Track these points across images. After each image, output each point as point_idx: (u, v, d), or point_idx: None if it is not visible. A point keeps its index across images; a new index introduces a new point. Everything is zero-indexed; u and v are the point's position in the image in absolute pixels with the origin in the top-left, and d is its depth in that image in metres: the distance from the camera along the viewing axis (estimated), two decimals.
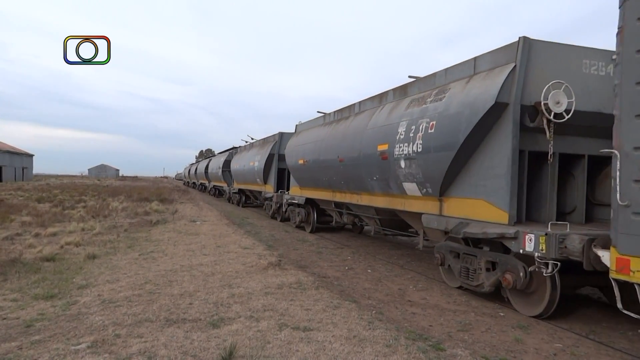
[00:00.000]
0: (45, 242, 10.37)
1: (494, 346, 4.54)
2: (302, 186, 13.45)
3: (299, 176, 13.54)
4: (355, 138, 9.07)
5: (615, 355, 4.44)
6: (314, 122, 13.03)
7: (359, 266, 8.68)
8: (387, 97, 8.75)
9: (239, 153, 24.78)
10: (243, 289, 6.31)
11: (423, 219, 7.12)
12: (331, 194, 11.21)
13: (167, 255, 8.95)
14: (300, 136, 13.70)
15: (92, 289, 6.28)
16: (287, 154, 14.37)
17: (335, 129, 10.67)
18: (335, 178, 10.37)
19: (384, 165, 7.84)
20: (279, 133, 17.36)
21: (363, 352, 4.14)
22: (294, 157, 13.41)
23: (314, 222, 13.54)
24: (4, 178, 56.91)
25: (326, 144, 10.79)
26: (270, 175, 17.67)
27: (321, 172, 11.24)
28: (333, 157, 10.17)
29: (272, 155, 17.35)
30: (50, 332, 4.53)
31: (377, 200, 8.81)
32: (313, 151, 11.66)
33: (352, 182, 9.63)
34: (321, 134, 11.46)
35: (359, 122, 9.26)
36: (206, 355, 3.99)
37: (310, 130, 12.88)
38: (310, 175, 12.30)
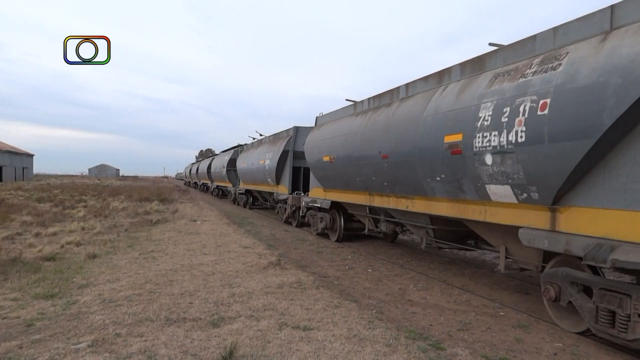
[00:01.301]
0: (45, 242, 10.37)
1: (494, 345, 4.54)
2: (327, 187, 11.58)
3: (323, 176, 11.55)
4: (406, 129, 7.30)
5: (616, 355, 4.44)
6: (341, 112, 11.08)
7: (359, 266, 8.68)
8: (451, 75, 6.92)
9: (246, 151, 22.79)
10: (243, 289, 6.31)
11: (522, 236, 5.24)
12: (367, 197, 9.36)
13: (168, 255, 8.96)
14: (323, 129, 11.63)
15: (92, 289, 6.28)
16: (307, 150, 12.37)
17: (372, 118, 8.80)
18: (376, 178, 8.50)
19: (455, 161, 6.04)
20: (294, 127, 15.58)
21: (363, 351, 4.14)
22: (316, 153, 11.50)
23: (340, 229, 11.58)
24: (4, 178, 56.94)
25: (361, 137, 8.93)
26: (283, 175, 15.87)
27: (354, 171, 9.35)
28: (373, 153, 8.35)
29: (286, 153, 15.51)
30: (51, 332, 4.53)
31: (439, 206, 6.94)
32: (343, 146, 9.82)
33: (400, 184, 7.78)
34: (353, 125, 9.57)
35: (410, 109, 7.45)
36: (206, 354, 3.99)
37: (338, 121, 10.89)
38: (338, 174, 10.37)
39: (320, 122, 12.44)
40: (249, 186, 21.68)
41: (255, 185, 20.32)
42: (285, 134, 16.37)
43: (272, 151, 16.62)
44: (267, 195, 19.54)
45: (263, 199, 21.64)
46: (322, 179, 11.68)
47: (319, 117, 12.62)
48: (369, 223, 10.38)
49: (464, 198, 6.27)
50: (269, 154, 16.89)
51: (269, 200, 19.85)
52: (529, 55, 5.41)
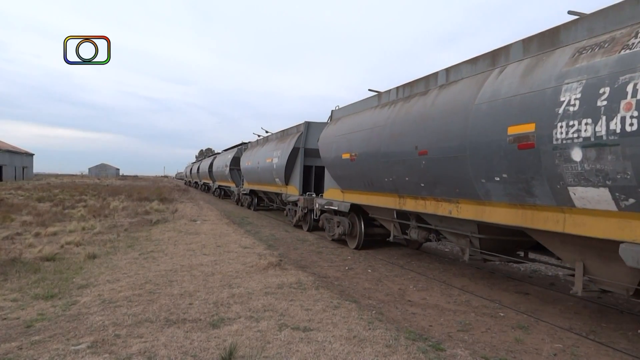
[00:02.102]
0: (45, 242, 10.37)
1: (494, 346, 4.54)
2: (345, 188, 10.40)
3: (341, 175, 10.32)
4: (450, 120, 6.23)
5: (616, 356, 4.44)
6: (362, 104, 9.90)
7: (359, 266, 8.68)
8: (510, 54, 5.76)
9: (251, 149, 21.41)
10: (243, 289, 6.31)
11: (626, 253, 4.15)
12: (396, 200, 8.15)
13: (167, 255, 8.96)
14: (341, 124, 10.48)
15: (92, 289, 6.28)
16: (323, 147, 11.24)
17: (404, 110, 7.64)
18: (409, 178, 7.36)
19: (524, 158, 4.98)
20: (305, 122, 14.39)
21: (363, 352, 4.14)
22: (334, 150, 10.34)
23: (360, 235, 10.34)
24: (4, 177, 56.94)
25: (390, 131, 7.80)
26: (293, 175, 14.65)
27: (381, 170, 8.16)
28: (406, 149, 7.24)
29: (297, 150, 14.32)
30: (50, 332, 4.53)
31: (494, 213, 5.81)
32: (366, 142, 8.69)
33: (442, 185, 6.65)
34: (379, 118, 8.43)
35: (454, 97, 6.37)
36: (206, 355, 3.99)
37: (359, 115, 9.72)
38: (360, 174, 9.16)
39: (336, 116, 11.23)
40: (254, 186, 20.43)
41: (260, 186, 19.02)
42: (295, 130, 15.13)
43: (280, 149, 15.41)
44: (273, 196, 18.36)
45: (269, 200, 20.45)
46: (340, 179, 10.46)
47: (335, 110, 11.46)
48: (395, 229, 9.07)
49: (532, 203, 5.12)
50: (277, 151, 15.67)
51: (275, 201, 18.75)
52: (631, 22, 4.36)
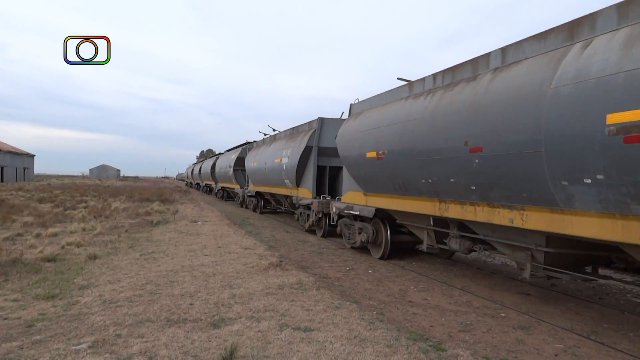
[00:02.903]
0: (46, 243, 10.38)
1: (495, 346, 4.53)
2: (369, 191, 9.28)
3: (364, 176, 9.23)
4: (515, 108, 5.16)
5: (617, 356, 4.43)
6: (389, 95, 8.69)
7: (359, 267, 8.67)
8: (596, 24, 4.70)
9: (257, 148, 20.08)
10: (244, 290, 6.31)
11: None
12: (435, 205, 7.01)
13: (168, 256, 8.96)
14: (363, 118, 9.32)
15: (93, 289, 6.28)
16: (341, 144, 10.14)
17: (447, 99, 6.52)
18: (456, 180, 6.26)
19: (634, 154, 3.97)
20: (319, 119, 13.12)
21: (364, 352, 4.14)
22: (355, 148, 9.26)
23: (386, 244, 9.19)
24: (5, 178, 57.02)
25: (430, 125, 6.71)
26: (306, 176, 13.44)
27: (417, 170, 7.08)
28: (452, 145, 6.15)
29: (309, 149, 13.06)
30: (51, 332, 4.53)
31: (579, 224, 4.71)
32: (397, 137, 7.57)
33: (501, 188, 5.56)
34: (413, 110, 7.30)
35: (520, 80, 5.25)
36: (207, 355, 3.99)
37: (386, 107, 8.53)
38: (389, 174, 8.05)
39: (356, 110, 10.11)
40: (260, 188, 19.17)
41: (268, 187, 17.74)
42: (307, 127, 13.94)
43: (290, 147, 14.20)
44: (282, 198, 17.16)
45: (276, 203, 19.17)
46: (363, 181, 9.36)
47: (354, 103, 10.36)
48: (429, 238, 7.97)
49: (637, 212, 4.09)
50: (287, 150, 14.46)
51: (283, 204, 17.56)
52: None
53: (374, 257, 9.59)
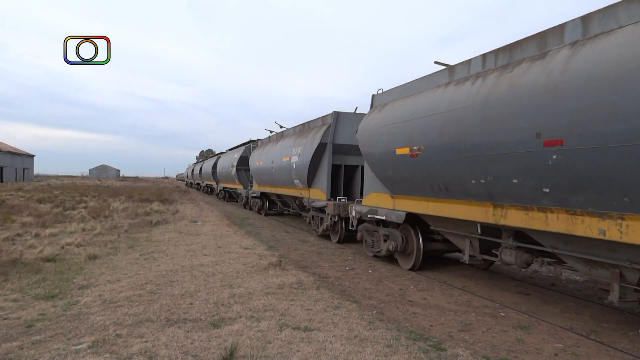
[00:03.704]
0: (46, 243, 10.37)
1: (495, 346, 4.54)
2: (398, 193, 8.15)
3: (393, 176, 8.08)
4: (617, 89, 4.19)
5: (617, 356, 4.44)
6: (424, 83, 7.52)
7: (359, 266, 8.67)
8: None
9: (262, 147, 19.03)
10: (244, 289, 6.31)
11: None
12: (488, 210, 5.95)
13: (168, 256, 8.96)
14: (390, 110, 8.20)
15: (92, 289, 6.28)
16: (364, 140, 8.98)
17: (505, 82, 5.46)
18: (521, 180, 5.20)
19: None
20: (334, 113, 11.85)
21: (364, 352, 4.14)
22: (381, 144, 8.15)
23: (418, 253, 8.05)
24: (5, 179, 56.98)
25: (483, 114, 5.65)
26: (319, 175, 12.29)
27: (465, 169, 6.03)
28: (517, 138, 5.11)
29: (323, 146, 11.83)
30: (51, 332, 4.53)
31: None
32: (437, 130, 6.53)
33: (589, 191, 4.56)
34: (458, 97, 6.25)
35: (618, 53, 4.27)
36: (207, 355, 3.99)
37: (419, 96, 7.41)
38: (426, 174, 6.99)
39: (381, 102, 8.94)
40: (266, 189, 18.07)
41: (274, 188, 16.61)
42: (320, 123, 12.74)
43: (301, 145, 13.11)
44: (289, 200, 16.08)
45: (283, 204, 18.03)
46: (391, 181, 8.22)
47: (377, 94, 9.22)
48: (472, 247, 6.95)
49: None
50: (297, 148, 13.37)
51: (291, 205, 16.42)
52: None
53: (402, 268, 8.45)
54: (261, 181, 18.52)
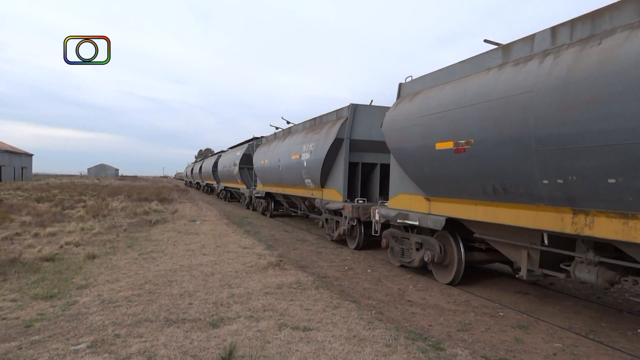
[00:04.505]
0: (44, 242, 10.36)
1: (494, 346, 4.54)
2: (436, 195, 7.11)
3: (430, 175, 6.99)
4: None
5: (615, 355, 4.45)
6: (467, 66, 6.50)
7: (358, 266, 8.68)
8: None
9: (267, 144, 17.96)
10: (243, 289, 6.31)
11: None
12: (566, 217, 4.89)
13: (167, 255, 8.95)
14: (424, 99, 7.12)
15: (91, 289, 6.28)
16: (392, 134, 7.92)
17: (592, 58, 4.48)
18: (621, 180, 4.24)
19: None
20: (351, 105, 10.71)
21: (363, 351, 4.14)
22: (414, 139, 7.10)
23: (459, 265, 6.97)
24: (3, 178, 56.89)
25: (560, 99, 4.65)
26: (334, 174, 11.23)
27: (533, 165, 4.98)
28: (618, 126, 4.14)
29: (339, 142, 10.73)
30: (50, 332, 4.53)
31: None
32: (494, 120, 5.46)
33: None
34: (518, 80, 5.21)
35: None
36: (206, 355, 3.99)
37: (463, 81, 6.37)
38: (476, 172, 5.95)
39: (411, 90, 7.86)
40: (272, 188, 16.99)
41: (281, 188, 15.58)
42: (335, 116, 11.63)
43: (313, 141, 12.01)
44: (298, 200, 15.04)
45: (290, 205, 16.98)
46: (428, 181, 7.17)
47: (405, 83, 8.19)
48: (530, 260, 5.87)
49: None
50: (308, 145, 12.35)
51: (300, 207, 15.36)
52: None
53: (440, 282, 7.36)
54: (266, 181, 17.50)
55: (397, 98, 8.32)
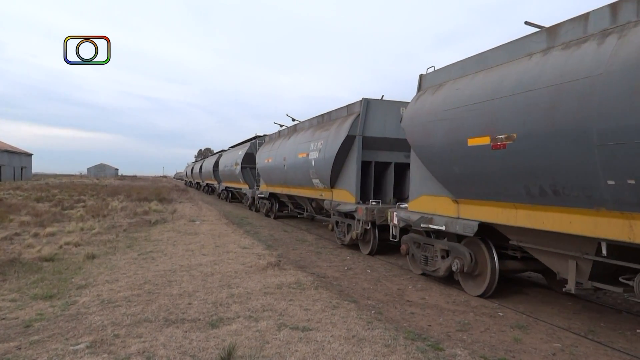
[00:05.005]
0: (44, 242, 10.36)
1: (493, 346, 4.54)
2: (464, 197, 6.42)
3: (461, 174, 6.25)
4: None
5: (614, 355, 4.45)
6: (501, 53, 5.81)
7: (358, 266, 8.68)
8: None
9: (270, 143, 17.20)
10: (242, 289, 6.31)
11: None
12: (629, 224, 4.27)
13: (166, 255, 8.95)
14: (451, 90, 6.44)
15: (91, 289, 6.28)
16: (415, 129, 7.23)
17: None
18: None
19: None
20: (364, 99, 10.03)
21: (362, 352, 4.15)
22: (442, 134, 6.41)
23: (493, 275, 6.26)
24: (2, 177, 56.86)
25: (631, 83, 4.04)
26: (345, 174, 10.52)
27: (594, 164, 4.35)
28: None
29: (351, 140, 10.01)
30: (49, 332, 4.53)
31: None
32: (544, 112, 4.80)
33: None
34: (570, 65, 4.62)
35: None
36: (205, 355, 3.99)
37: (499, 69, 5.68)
38: (519, 171, 5.22)
39: (434, 81, 7.17)
40: (276, 189, 16.32)
41: (287, 188, 14.89)
42: (345, 112, 10.90)
43: (322, 139, 11.33)
44: (304, 201, 14.39)
45: (295, 207, 16.29)
46: (457, 181, 6.42)
47: (426, 74, 7.53)
48: (579, 272, 5.22)
49: None
50: (317, 143, 11.62)
51: (305, 208, 14.73)
52: None
53: (470, 295, 6.63)
54: (270, 181, 16.74)
55: (418, 91, 7.63)
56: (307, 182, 12.46)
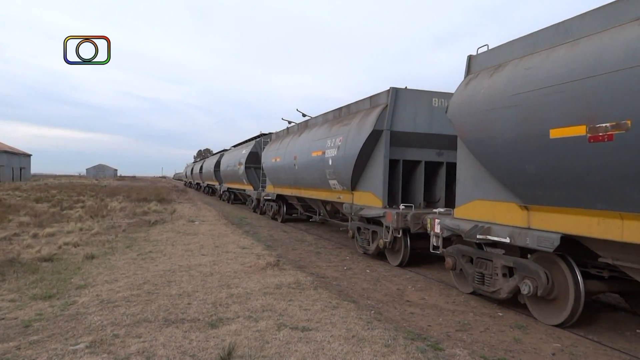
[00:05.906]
0: (43, 243, 10.34)
1: (493, 346, 4.55)
2: (538, 202, 5.19)
3: (534, 174, 5.04)
4: None
5: (614, 355, 4.45)
6: (592, 20, 4.59)
7: (357, 266, 8.67)
8: None
9: (277, 141, 16.02)
10: (242, 289, 6.31)
11: None
12: None
13: (166, 256, 8.94)
14: (517, 70, 5.28)
15: (90, 289, 6.27)
16: (467, 120, 6.02)
17: None
18: None
19: None
20: (392, 89, 8.66)
21: (362, 352, 4.14)
22: (509, 123, 5.22)
23: (576, 300, 5.01)
24: (1, 178, 56.80)
25: None
26: (369, 174, 9.24)
27: None
28: None
29: (377, 135, 8.73)
30: (49, 332, 4.52)
31: None
32: None
33: None
34: None
35: None
36: (205, 355, 3.99)
37: (589, 40, 4.48)
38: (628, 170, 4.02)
39: (490, 62, 6.00)
40: (285, 190, 15.08)
41: (297, 190, 13.72)
42: (369, 104, 9.58)
43: (341, 134, 10.06)
44: (317, 204, 13.22)
45: (305, 209, 15.13)
46: (530, 182, 5.16)
47: (477, 55, 6.37)
48: None
49: None
50: (334, 139, 10.36)
51: (317, 211, 13.74)
52: None
53: (545, 324, 5.37)
54: (278, 181, 15.47)
55: (467, 75, 6.47)
56: (323, 183, 11.23)
